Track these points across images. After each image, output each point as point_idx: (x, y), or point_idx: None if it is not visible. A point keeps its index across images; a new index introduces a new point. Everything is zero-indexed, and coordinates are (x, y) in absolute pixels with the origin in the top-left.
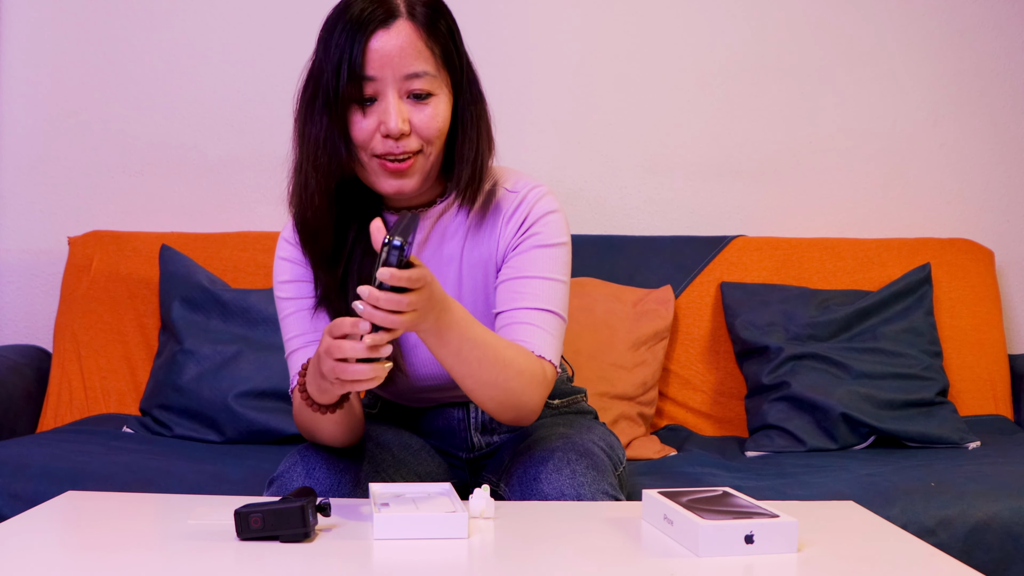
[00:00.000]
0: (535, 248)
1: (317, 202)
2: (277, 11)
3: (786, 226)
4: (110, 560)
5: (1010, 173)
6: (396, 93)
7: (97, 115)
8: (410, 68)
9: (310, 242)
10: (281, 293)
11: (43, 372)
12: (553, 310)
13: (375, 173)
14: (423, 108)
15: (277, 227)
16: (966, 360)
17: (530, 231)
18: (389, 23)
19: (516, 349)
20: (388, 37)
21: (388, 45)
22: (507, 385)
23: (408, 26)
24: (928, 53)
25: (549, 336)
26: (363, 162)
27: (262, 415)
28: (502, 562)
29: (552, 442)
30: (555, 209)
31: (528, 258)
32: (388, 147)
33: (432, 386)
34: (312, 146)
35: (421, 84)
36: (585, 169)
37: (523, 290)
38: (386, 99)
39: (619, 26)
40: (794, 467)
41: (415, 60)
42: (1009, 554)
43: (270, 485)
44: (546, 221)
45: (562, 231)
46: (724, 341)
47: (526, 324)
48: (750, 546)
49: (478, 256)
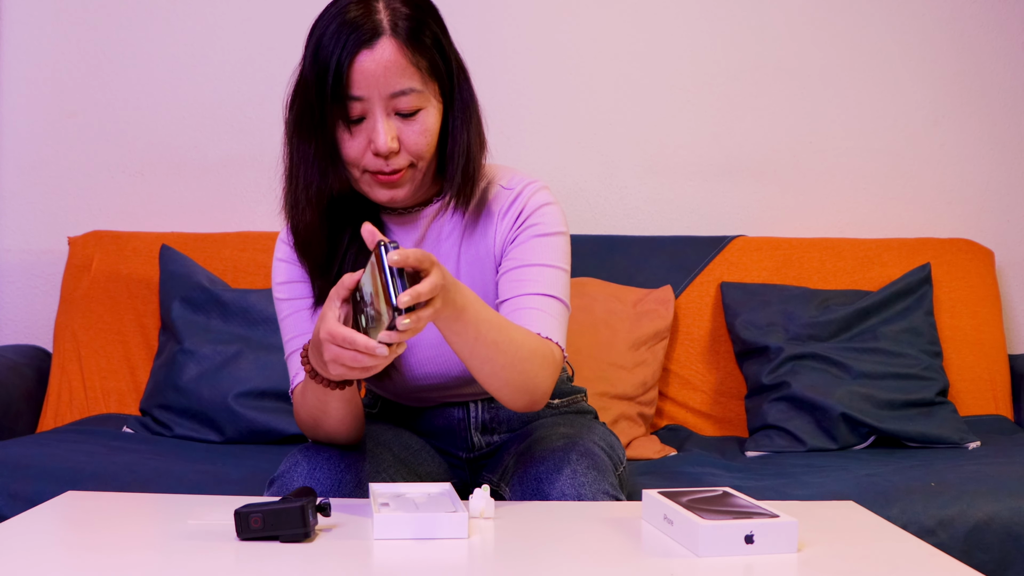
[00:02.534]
0: (533, 238)
1: (308, 218)
2: (277, 11)
3: (786, 226)
4: (110, 560)
5: (1010, 173)
6: (383, 112)
7: (97, 115)
8: (396, 87)
9: (304, 251)
10: (279, 294)
11: (43, 372)
12: (555, 295)
13: (368, 184)
14: (411, 124)
15: (277, 227)
16: (966, 360)
17: (527, 223)
18: (373, 42)
19: (525, 331)
20: (372, 57)
21: (372, 65)
22: (522, 367)
23: (392, 44)
24: (928, 53)
25: (554, 320)
26: (354, 178)
27: (262, 415)
28: (502, 562)
29: (553, 442)
30: (551, 202)
31: (527, 248)
32: (378, 165)
33: (430, 385)
34: (302, 165)
35: (408, 101)
36: (585, 169)
37: (524, 277)
38: (374, 117)
39: (619, 26)
40: (794, 467)
41: (400, 78)
42: (1009, 554)
43: (271, 485)
44: (543, 212)
45: (559, 221)
46: (724, 341)
47: (530, 309)
48: (750, 546)
49: (475, 254)
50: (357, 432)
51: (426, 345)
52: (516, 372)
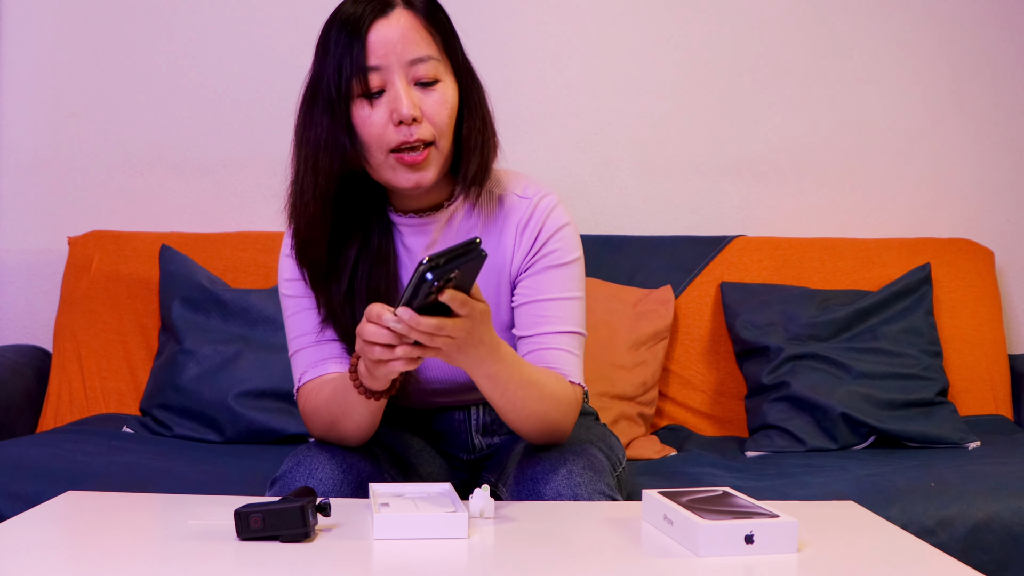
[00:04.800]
0: (550, 269)
1: (312, 208)
2: (277, 11)
3: (786, 226)
4: (110, 560)
5: (1010, 173)
6: (403, 80)
7: (97, 115)
8: (414, 53)
9: (304, 255)
10: (286, 291)
11: (43, 372)
12: (576, 330)
13: (392, 169)
14: (431, 93)
15: (277, 227)
16: (966, 360)
17: (544, 249)
18: (387, 12)
19: (554, 380)
20: (388, 25)
21: (389, 32)
22: (548, 416)
23: (406, 13)
24: (928, 53)
25: (577, 359)
26: (377, 162)
27: (262, 415)
28: (502, 562)
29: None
30: (567, 222)
31: (544, 279)
32: (403, 135)
33: (435, 390)
34: (312, 149)
35: (426, 69)
36: (585, 169)
37: (545, 313)
38: (394, 86)
39: (619, 26)
40: (794, 467)
41: (418, 45)
42: (1009, 554)
43: (272, 485)
44: (560, 237)
45: (575, 245)
46: (724, 341)
47: (555, 349)
48: (750, 546)
49: (490, 262)
50: (370, 435)
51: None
52: (540, 419)
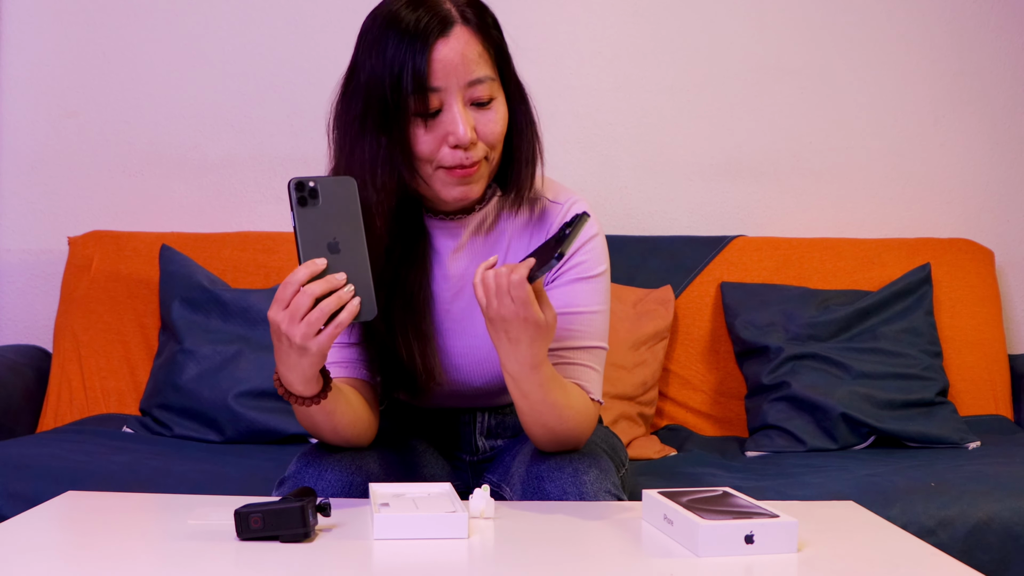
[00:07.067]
0: (577, 281)
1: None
2: (277, 11)
3: (786, 226)
4: (110, 560)
5: (1010, 173)
6: (460, 102)
7: (97, 115)
8: (473, 75)
9: None
10: None
11: (43, 372)
12: (600, 345)
13: (440, 182)
14: (486, 113)
15: (277, 227)
16: (966, 360)
17: (572, 260)
18: (447, 31)
19: (576, 396)
20: (449, 46)
21: (451, 54)
22: (566, 430)
23: (466, 32)
24: (928, 53)
25: (598, 375)
26: (426, 175)
27: (262, 415)
28: (502, 562)
29: None
30: (596, 232)
31: (571, 291)
32: (458, 159)
33: (460, 392)
34: (367, 166)
35: (483, 90)
36: (585, 169)
37: (569, 326)
38: (452, 109)
39: (619, 26)
40: (794, 467)
41: (476, 66)
42: (1009, 554)
43: (280, 485)
44: (589, 248)
45: (603, 258)
46: (724, 341)
47: (578, 365)
48: (750, 546)
49: None
50: (363, 434)
51: (455, 354)
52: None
